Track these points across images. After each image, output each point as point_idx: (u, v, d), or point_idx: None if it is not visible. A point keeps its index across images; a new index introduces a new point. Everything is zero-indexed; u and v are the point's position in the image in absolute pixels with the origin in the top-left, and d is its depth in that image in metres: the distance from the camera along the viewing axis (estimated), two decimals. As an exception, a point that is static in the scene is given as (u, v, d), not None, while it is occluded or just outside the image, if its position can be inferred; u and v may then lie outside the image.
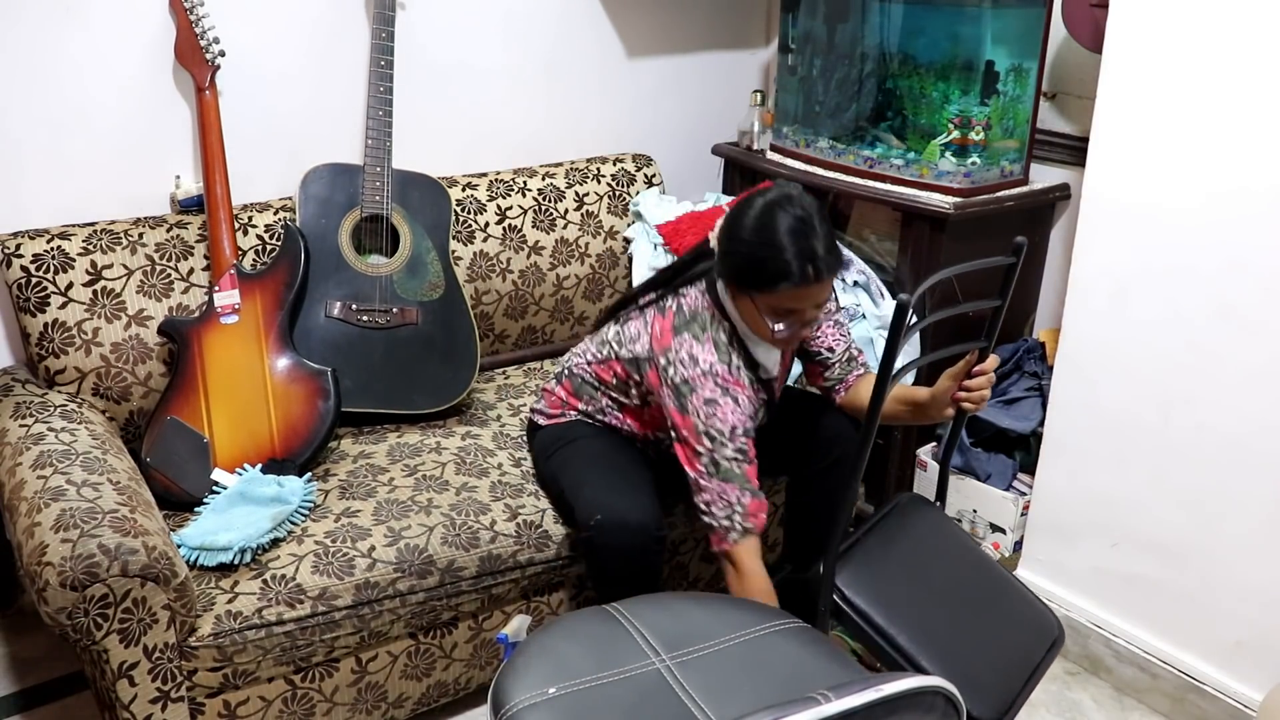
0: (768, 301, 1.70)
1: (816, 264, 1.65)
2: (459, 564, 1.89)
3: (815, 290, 1.69)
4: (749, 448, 1.76)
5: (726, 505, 1.73)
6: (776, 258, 1.66)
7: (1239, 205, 1.83)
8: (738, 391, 1.76)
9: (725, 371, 1.77)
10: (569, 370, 2.08)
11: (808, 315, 1.73)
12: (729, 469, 1.73)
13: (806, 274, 1.65)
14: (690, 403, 1.75)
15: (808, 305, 1.71)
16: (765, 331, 1.75)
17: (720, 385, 1.74)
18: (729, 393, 1.75)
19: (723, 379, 1.75)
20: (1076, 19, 2.35)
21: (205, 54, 2.15)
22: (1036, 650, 1.67)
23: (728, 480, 1.73)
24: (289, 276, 2.17)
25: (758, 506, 1.74)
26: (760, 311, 1.73)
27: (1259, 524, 1.90)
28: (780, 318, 1.72)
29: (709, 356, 1.76)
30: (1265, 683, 1.91)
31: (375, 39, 2.27)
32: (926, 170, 2.47)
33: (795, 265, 1.65)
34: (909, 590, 1.68)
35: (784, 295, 1.68)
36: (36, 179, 2.12)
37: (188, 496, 1.96)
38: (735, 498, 1.73)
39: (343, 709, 1.88)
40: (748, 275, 1.70)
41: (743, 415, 1.75)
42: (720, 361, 1.77)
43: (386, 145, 2.27)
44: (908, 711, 1.05)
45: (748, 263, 1.69)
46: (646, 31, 2.84)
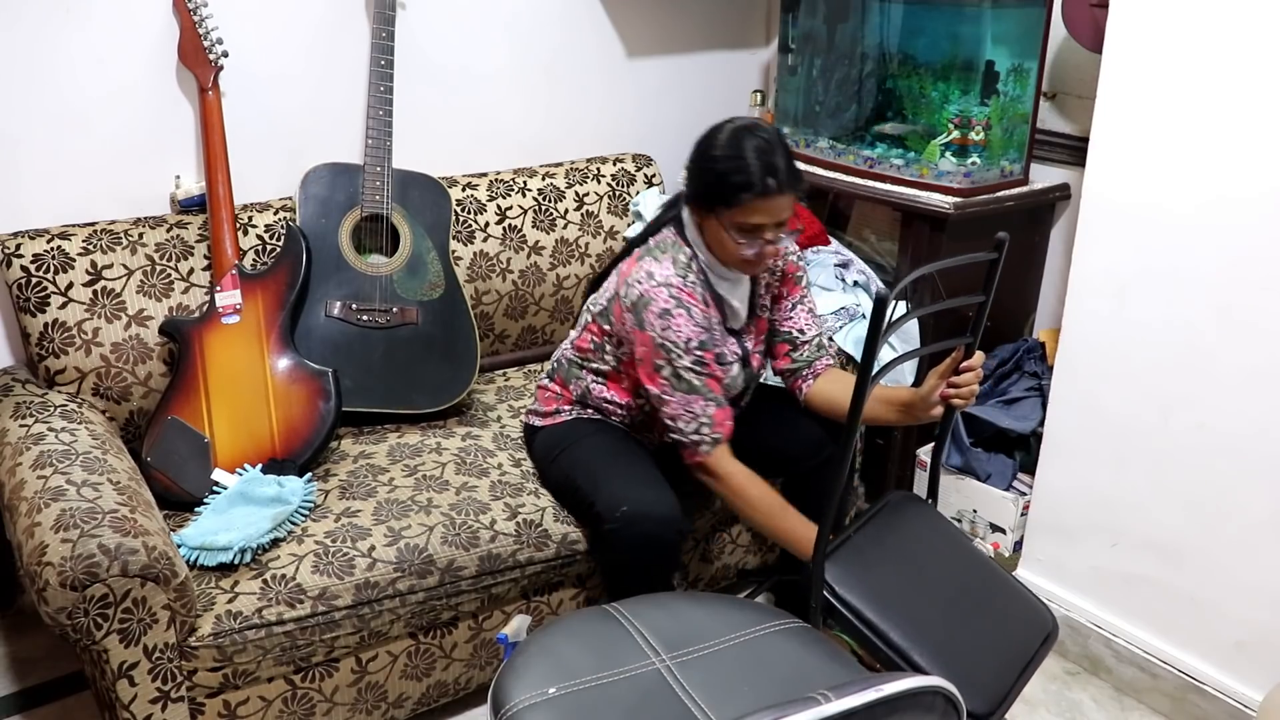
0: (732, 218, 1.77)
1: (777, 176, 1.75)
2: (459, 563, 1.89)
3: (776, 204, 1.76)
4: (708, 360, 1.83)
5: (692, 418, 1.81)
6: (741, 170, 1.75)
7: (1239, 205, 1.83)
8: (691, 303, 1.82)
9: (680, 283, 1.83)
10: (557, 361, 2.11)
11: (769, 233, 1.78)
12: (689, 380, 1.80)
13: (768, 185, 1.74)
14: (646, 316, 1.81)
15: (769, 221, 1.77)
16: (732, 250, 1.80)
17: (674, 297, 1.81)
18: (682, 304, 1.81)
19: (677, 289, 1.82)
20: (1076, 19, 2.36)
21: (209, 54, 2.15)
22: (1030, 643, 1.66)
23: (691, 392, 1.81)
24: (290, 277, 2.17)
25: (724, 415, 1.83)
26: (726, 230, 1.79)
27: (1259, 524, 1.90)
28: (745, 234, 1.78)
29: (664, 270, 1.83)
30: (1265, 683, 1.91)
31: (375, 38, 2.27)
32: (926, 170, 2.47)
33: (758, 177, 1.74)
34: (900, 585, 1.68)
35: (747, 208, 1.75)
36: (36, 179, 2.12)
37: (188, 496, 1.96)
38: (700, 409, 1.81)
39: (343, 709, 1.88)
40: (714, 191, 1.78)
41: (697, 328, 1.82)
42: (676, 274, 1.83)
43: (387, 145, 2.28)
44: (908, 711, 1.05)
45: (716, 178, 1.78)
46: (646, 31, 2.84)
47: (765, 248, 1.80)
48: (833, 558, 1.67)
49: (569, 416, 2.07)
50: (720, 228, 1.80)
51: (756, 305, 2.01)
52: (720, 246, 1.83)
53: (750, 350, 2.00)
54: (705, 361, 1.82)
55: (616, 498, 1.83)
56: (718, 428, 1.82)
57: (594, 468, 1.93)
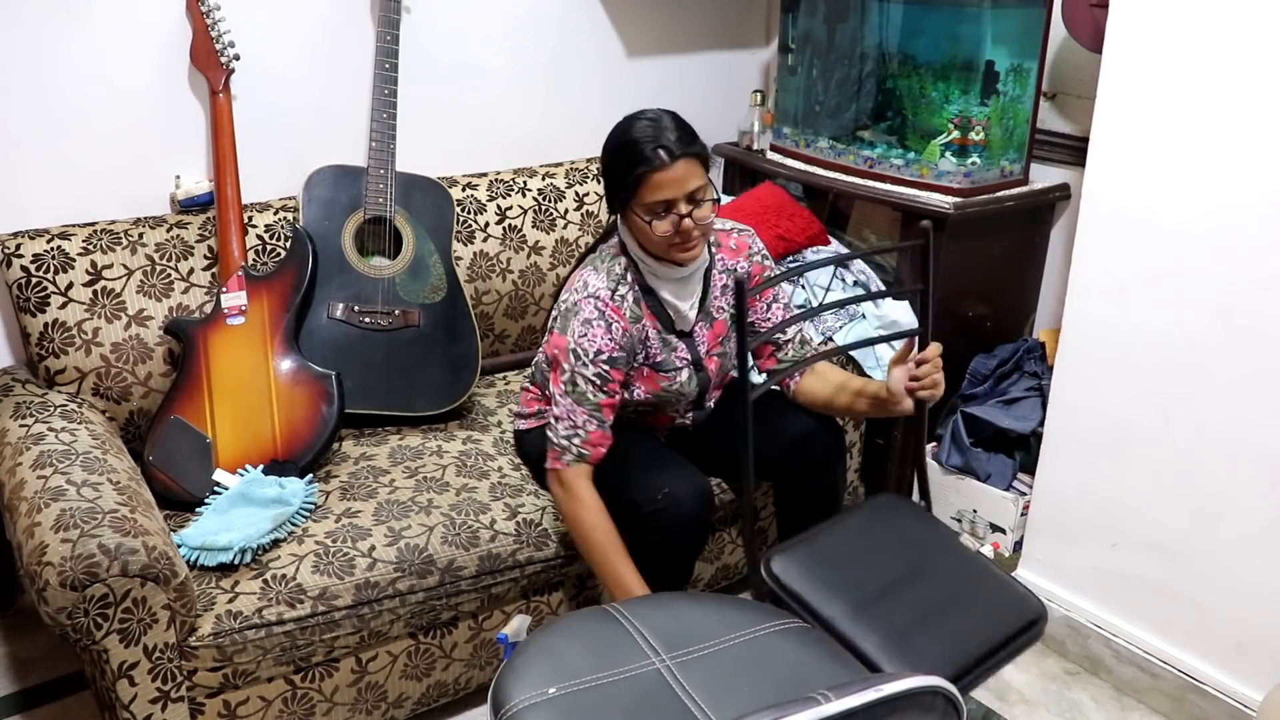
0: (640, 202, 1.76)
1: (666, 145, 1.74)
2: (459, 563, 1.89)
3: (674, 173, 1.74)
4: (611, 378, 1.83)
5: (571, 426, 1.82)
6: (630, 152, 1.76)
7: (1239, 205, 1.83)
8: (614, 319, 1.83)
9: (608, 297, 1.83)
10: (535, 365, 2.12)
11: (681, 206, 1.76)
12: (583, 391, 1.81)
13: (659, 156, 1.73)
14: (571, 323, 1.83)
15: (676, 194, 1.75)
16: (654, 238, 1.78)
17: (599, 309, 1.82)
18: (605, 317, 1.82)
19: (603, 303, 1.83)
20: (1076, 19, 2.36)
21: (220, 57, 2.16)
22: (1004, 626, 1.63)
23: (579, 402, 1.82)
24: (296, 279, 2.17)
25: (600, 438, 1.83)
26: (641, 218, 1.78)
27: (1259, 524, 1.90)
28: (657, 215, 1.76)
29: (597, 281, 1.85)
30: (1265, 683, 1.91)
31: (380, 41, 2.27)
32: (926, 170, 2.47)
33: (648, 150, 1.74)
34: (855, 574, 1.66)
35: (648, 186, 1.75)
36: (36, 179, 2.12)
37: (189, 496, 1.96)
38: (581, 421, 1.82)
39: (343, 709, 1.89)
40: (617, 183, 1.79)
41: (611, 343, 1.82)
42: (606, 287, 1.84)
43: (390, 147, 2.28)
44: (908, 711, 1.05)
45: (613, 170, 1.80)
46: (646, 31, 2.84)
47: (683, 223, 1.77)
48: (788, 553, 1.67)
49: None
50: (638, 218, 1.79)
51: (710, 307, 1.97)
52: (645, 239, 1.82)
53: (704, 354, 1.98)
54: (608, 378, 1.82)
55: (654, 482, 1.84)
56: (587, 445, 1.82)
57: (614, 460, 1.91)
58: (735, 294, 1.61)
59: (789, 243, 2.61)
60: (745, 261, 2.00)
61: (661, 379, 1.93)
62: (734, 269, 1.99)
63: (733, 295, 1.94)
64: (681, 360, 1.95)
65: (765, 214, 2.61)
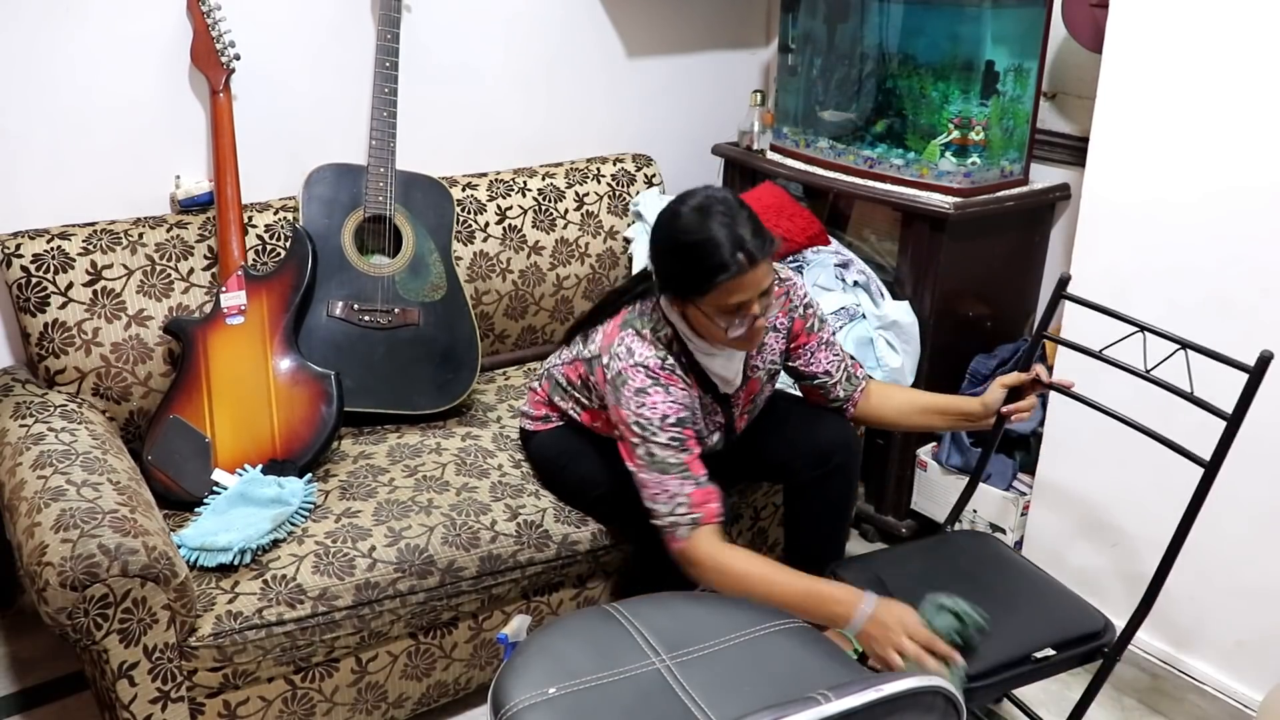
0: (712, 302, 1.68)
1: (746, 249, 1.64)
2: (459, 564, 1.89)
3: (752, 277, 1.66)
4: (686, 437, 1.73)
5: (668, 499, 1.71)
6: (711, 253, 1.64)
7: (1239, 205, 1.83)
8: (669, 383, 1.74)
9: (658, 365, 1.75)
10: (548, 373, 2.08)
11: (755, 307, 1.70)
12: (664, 459, 1.71)
13: (739, 261, 1.64)
14: (623, 394, 1.74)
15: (751, 295, 1.68)
16: (720, 335, 1.72)
17: (651, 376, 1.73)
18: (659, 383, 1.73)
19: (653, 371, 1.74)
20: (1076, 19, 2.36)
21: (221, 57, 2.16)
22: (1048, 634, 1.66)
23: (665, 472, 1.71)
24: (296, 279, 2.17)
25: (704, 496, 1.71)
26: (709, 317, 1.70)
27: (1259, 524, 1.90)
28: (729, 316, 1.69)
29: (644, 350, 1.76)
30: (1265, 683, 1.91)
31: (380, 40, 2.27)
32: (926, 170, 2.47)
33: (729, 255, 1.64)
34: (908, 584, 1.72)
35: (723, 290, 1.66)
36: (36, 179, 2.12)
37: (188, 496, 1.96)
38: (675, 488, 1.71)
39: (343, 709, 1.88)
40: (685, 282, 1.69)
41: (674, 405, 1.73)
42: (655, 356, 1.76)
43: (390, 146, 2.28)
44: (908, 711, 1.04)
45: (685, 267, 1.69)
46: (646, 31, 2.84)
47: (755, 324, 1.71)
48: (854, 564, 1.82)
49: (559, 423, 2.06)
50: (702, 315, 1.70)
51: (747, 367, 1.92)
52: (708, 332, 1.74)
53: (737, 415, 1.95)
54: (683, 439, 1.72)
55: None
56: (695, 508, 1.70)
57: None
58: None
59: (789, 243, 2.61)
60: (785, 319, 1.94)
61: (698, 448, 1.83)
62: (774, 325, 1.93)
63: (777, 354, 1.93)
64: (714, 425, 1.91)
65: (765, 214, 2.60)
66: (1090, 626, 1.70)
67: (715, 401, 1.90)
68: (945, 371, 2.55)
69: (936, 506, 2.55)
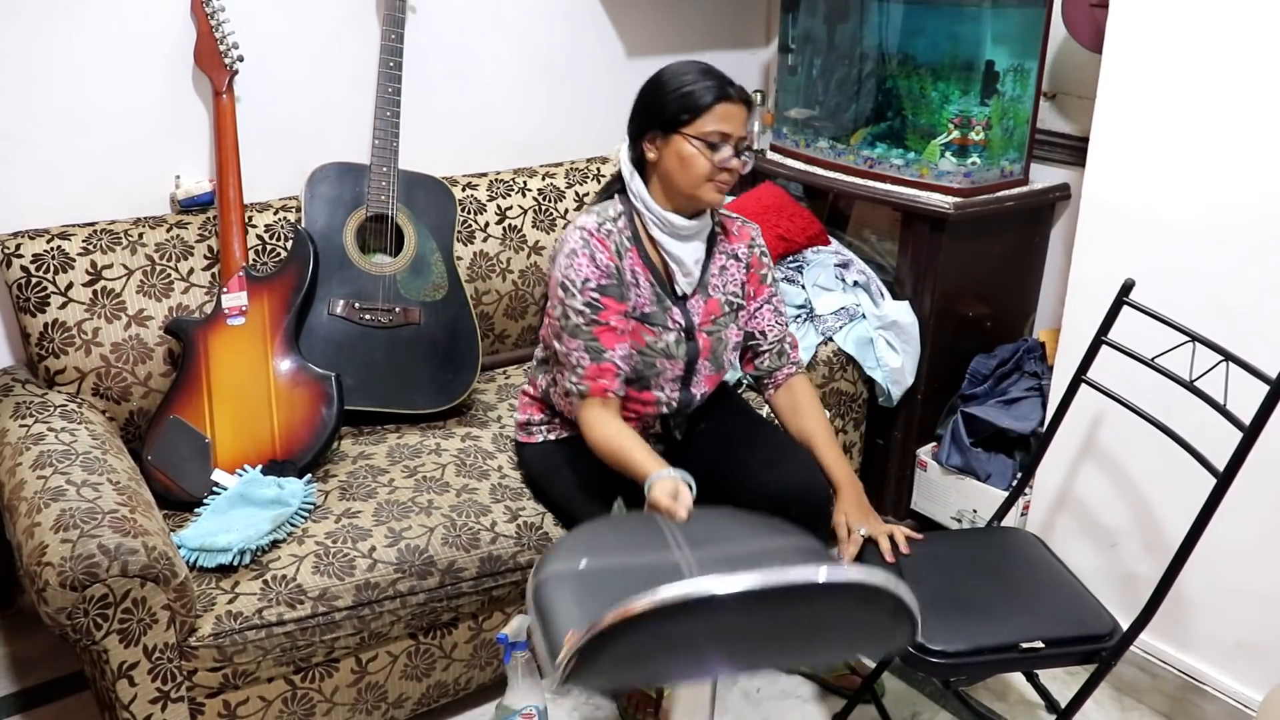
0: (701, 129, 1.79)
1: (733, 86, 1.82)
2: (459, 565, 1.89)
3: (739, 110, 1.81)
4: (604, 305, 1.82)
5: (571, 365, 1.83)
6: (701, 83, 1.80)
7: (1239, 205, 1.83)
8: (599, 248, 1.83)
9: (594, 227, 1.85)
10: (534, 358, 2.11)
11: (736, 143, 1.81)
12: (575, 323, 1.81)
13: (728, 91, 1.80)
14: (559, 258, 1.85)
15: (735, 130, 1.81)
16: (704, 166, 1.80)
17: (583, 239, 1.83)
18: (589, 246, 1.83)
19: (588, 233, 1.84)
20: (1076, 19, 2.36)
21: (224, 58, 2.16)
22: (1044, 629, 1.68)
23: (574, 335, 1.82)
24: (297, 280, 2.16)
25: (597, 371, 1.81)
26: (692, 144, 1.79)
27: (1259, 524, 1.90)
28: (715, 145, 1.80)
29: (587, 218, 1.87)
30: (1265, 683, 1.91)
31: (385, 40, 2.27)
32: (926, 170, 2.47)
33: (717, 84, 1.80)
34: (928, 562, 1.81)
35: (715, 114, 1.79)
36: (36, 179, 2.12)
37: (187, 496, 1.96)
38: (578, 358, 1.82)
39: (343, 709, 1.88)
40: (678, 108, 1.80)
41: (597, 270, 1.82)
42: (595, 220, 1.86)
43: (393, 145, 2.28)
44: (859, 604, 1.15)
45: (678, 96, 1.80)
46: (646, 31, 2.84)
47: (732, 161, 1.81)
48: None
49: (543, 436, 2.05)
50: (688, 143, 1.79)
51: (708, 282, 1.96)
52: (686, 168, 1.81)
53: (695, 324, 1.95)
54: (599, 306, 1.81)
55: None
56: (585, 380, 1.81)
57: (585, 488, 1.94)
58: None
59: (789, 243, 2.61)
60: (745, 249, 2.00)
61: (648, 333, 1.90)
62: (734, 253, 1.99)
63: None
64: (674, 323, 1.92)
65: (765, 214, 2.61)
66: (1095, 629, 1.70)
67: (671, 299, 1.92)
68: (945, 371, 2.55)
69: (936, 506, 2.55)
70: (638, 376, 1.92)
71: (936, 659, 1.63)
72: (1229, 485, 1.59)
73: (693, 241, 1.91)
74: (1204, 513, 1.62)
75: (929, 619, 1.63)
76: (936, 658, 1.63)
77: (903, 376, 2.48)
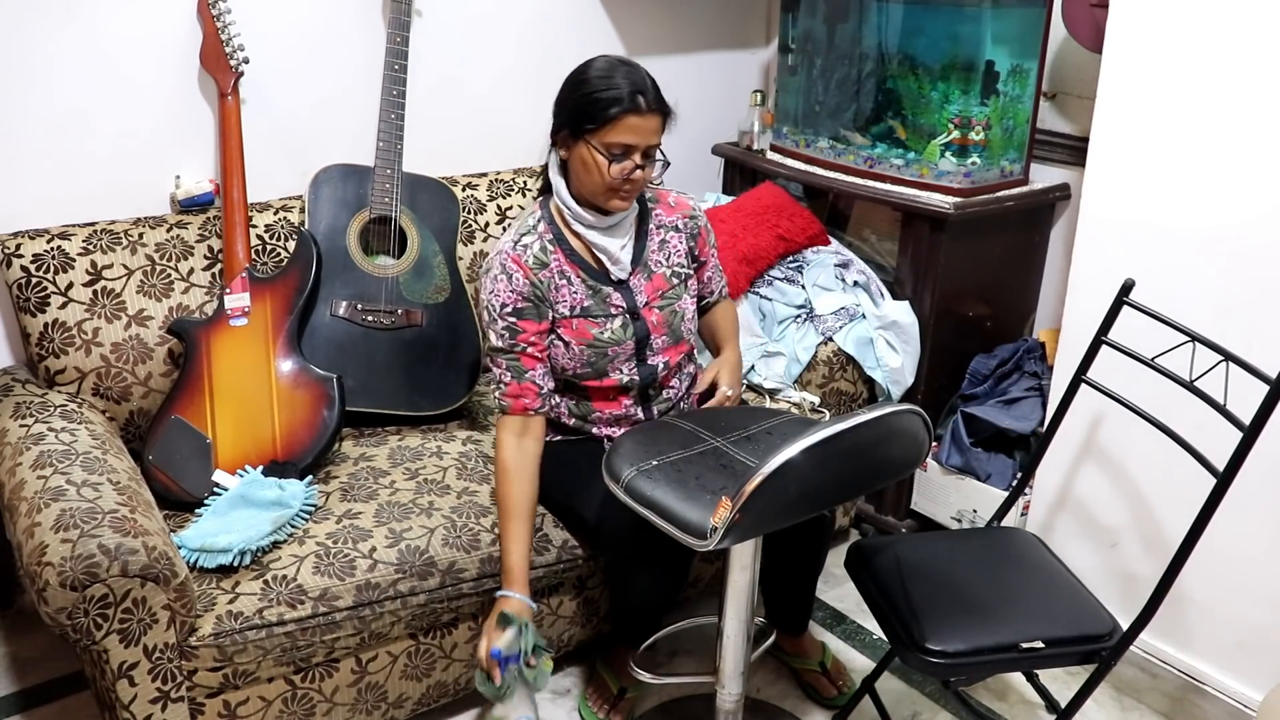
0: (603, 137, 1.79)
1: (646, 96, 1.79)
2: (460, 565, 1.89)
3: (645, 123, 1.79)
4: (520, 329, 1.87)
5: (496, 382, 1.90)
6: (611, 89, 1.78)
7: (1239, 205, 1.83)
8: (514, 269, 1.87)
9: (510, 249, 1.88)
10: None
11: (638, 156, 1.81)
12: (496, 344, 1.88)
13: (637, 102, 1.78)
14: (484, 281, 1.91)
15: (639, 142, 1.80)
16: (600, 176, 1.81)
17: (500, 263, 1.88)
18: (505, 270, 1.87)
19: (505, 255, 1.88)
20: (1076, 19, 2.36)
21: (230, 60, 2.16)
22: (1044, 629, 1.69)
23: (494, 354, 1.89)
24: (300, 282, 2.17)
25: (518, 390, 1.87)
26: (596, 151, 1.80)
27: (1259, 524, 1.90)
28: (616, 157, 1.80)
29: (508, 237, 1.91)
30: (1265, 683, 1.91)
31: (390, 43, 2.27)
32: (926, 170, 2.47)
33: (626, 94, 1.78)
34: (929, 562, 1.84)
35: (617, 125, 1.78)
36: (36, 179, 2.12)
37: (188, 496, 1.96)
38: (498, 375, 1.89)
39: (343, 709, 1.89)
40: (584, 112, 1.80)
41: (513, 294, 1.86)
42: (510, 240, 1.90)
43: (398, 148, 2.28)
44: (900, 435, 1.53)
45: (586, 99, 1.80)
46: (647, 31, 2.84)
47: (634, 173, 1.81)
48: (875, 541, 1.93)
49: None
50: (590, 151, 1.80)
51: (648, 259, 1.98)
52: (589, 174, 1.82)
53: (640, 304, 1.96)
54: (517, 329, 1.86)
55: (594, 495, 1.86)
56: (506, 397, 1.87)
57: (563, 481, 1.96)
58: None
59: (789, 243, 2.61)
60: (685, 221, 2.02)
61: (592, 325, 1.92)
62: (674, 225, 2.01)
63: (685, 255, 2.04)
64: (616, 309, 1.94)
65: (765, 214, 2.61)
66: (1094, 629, 1.70)
67: (611, 287, 1.94)
68: (945, 371, 2.55)
69: (936, 506, 2.55)
70: (591, 368, 1.94)
71: (936, 659, 1.63)
72: (1229, 485, 1.59)
73: (616, 230, 1.93)
74: (1204, 513, 1.62)
75: (929, 619, 1.66)
76: (936, 658, 1.63)
77: (903, 376, 2.48)
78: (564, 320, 1.91)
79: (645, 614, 2.01)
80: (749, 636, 1.80)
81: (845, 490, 1.73)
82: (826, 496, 1.62)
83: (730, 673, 1.81)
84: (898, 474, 1.98)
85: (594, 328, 1.92)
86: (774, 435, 1.78)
